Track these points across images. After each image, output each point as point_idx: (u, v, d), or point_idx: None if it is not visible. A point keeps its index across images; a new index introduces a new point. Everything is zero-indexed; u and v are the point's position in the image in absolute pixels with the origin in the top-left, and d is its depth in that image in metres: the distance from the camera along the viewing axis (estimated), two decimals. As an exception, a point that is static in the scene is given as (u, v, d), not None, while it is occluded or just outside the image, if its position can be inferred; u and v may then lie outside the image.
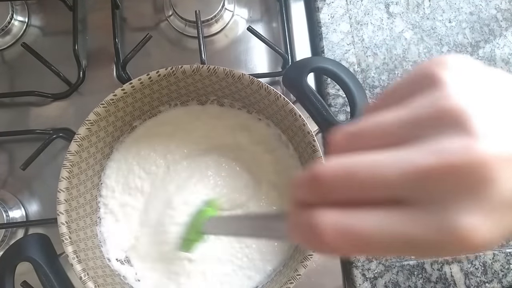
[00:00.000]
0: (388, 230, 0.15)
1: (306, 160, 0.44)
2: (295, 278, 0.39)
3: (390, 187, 0.15)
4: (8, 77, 0.55)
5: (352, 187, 0.16)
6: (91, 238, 0.43)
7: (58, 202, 0.39)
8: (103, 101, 0.41)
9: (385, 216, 0.15)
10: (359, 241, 0.15)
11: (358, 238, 0.15)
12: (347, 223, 0.16)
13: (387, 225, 0.15)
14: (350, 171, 0.16)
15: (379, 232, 0.15)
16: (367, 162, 0.16)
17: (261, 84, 0.42)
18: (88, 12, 0.57)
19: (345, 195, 0.16)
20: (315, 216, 0.16)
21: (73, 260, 0.38)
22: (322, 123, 0.44)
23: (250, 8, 0.59)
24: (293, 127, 0.44)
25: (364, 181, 0.16)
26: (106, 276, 0.41)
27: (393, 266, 0.49)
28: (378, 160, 0.16)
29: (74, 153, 0.40)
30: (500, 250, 0.50)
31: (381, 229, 0.15)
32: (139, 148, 0.48)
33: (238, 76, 0.42)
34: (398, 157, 0.15)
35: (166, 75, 0.42)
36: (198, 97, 0.48)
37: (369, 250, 0.16)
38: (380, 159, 0.16)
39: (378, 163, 0.16)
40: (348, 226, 0.16)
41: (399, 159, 0.15)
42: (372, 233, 0.15)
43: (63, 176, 0.40)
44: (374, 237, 0.15)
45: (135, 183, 0.47)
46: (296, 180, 0.18)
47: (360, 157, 0.16)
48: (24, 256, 0.38)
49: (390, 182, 0.15)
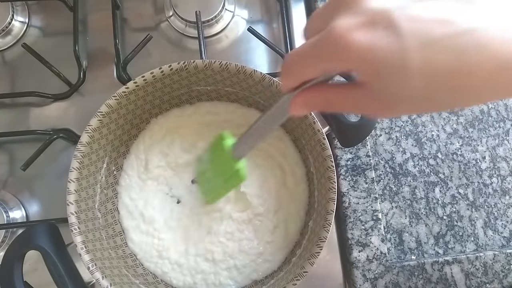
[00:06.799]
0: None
1: (315, 158, 0.44)
2: (301, 275, 0.39)
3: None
4: (9, 78, 0.55)
5: (303, 66, 0.23)
6: (99, 229, 0.43)
7: (68, 192, 0.39)
8: (115, 94, 0.42)
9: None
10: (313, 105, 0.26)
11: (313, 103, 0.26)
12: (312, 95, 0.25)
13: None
14: (300, 56, 0.23)
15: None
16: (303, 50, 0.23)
17: (273, 81, 0.43)
18: (88, 12, 0.57)
19: (304, 74, 0.24)
20: (298, 95, 0.26)
21: (81, 250, 0.38)
22: (333, 122, 0.44)
23: (251, 8, 0.59)
24: (303, 125, 0.44)
25: (308, 58, 0.23)
26: (113, 267, 0.42)
27: (393, 266, 0.49)
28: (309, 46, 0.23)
29: (85, 144, 0.41)
30: (501, 251, 0.50)
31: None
32: (150, 142, 0.48)
33: (250, 72, 0.43)
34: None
35: (178, 70, 0.43)
36: (208, 93, 0.49)
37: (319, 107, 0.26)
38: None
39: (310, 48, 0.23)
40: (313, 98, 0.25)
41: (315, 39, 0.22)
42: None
43: (73, 167, 0.40)
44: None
45: (147, 175, 0.48)
46: (280, 71, 0.26)
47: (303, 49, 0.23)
48: (32, 244, 0.38)
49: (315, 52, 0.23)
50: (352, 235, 0.50)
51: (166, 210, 0.47)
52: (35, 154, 0.48)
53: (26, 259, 0.39)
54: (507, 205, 0.54)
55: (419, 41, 0.19)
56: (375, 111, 0.24)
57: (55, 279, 0.38)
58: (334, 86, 0.25)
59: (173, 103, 0.49)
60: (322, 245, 0.39)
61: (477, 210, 0.53)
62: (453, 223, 0.52)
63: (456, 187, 0.54)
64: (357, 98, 0.24)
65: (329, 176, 0.41)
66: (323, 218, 0.40)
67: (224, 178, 0.39)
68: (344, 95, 0.24)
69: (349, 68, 0.22)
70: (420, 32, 0.19)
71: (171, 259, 0.45)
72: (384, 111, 0.23)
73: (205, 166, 0.42)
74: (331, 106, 0.25)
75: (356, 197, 0.51)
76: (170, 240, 0.46)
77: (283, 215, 0.47)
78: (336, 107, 0.25)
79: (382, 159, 0.53)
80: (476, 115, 0.56)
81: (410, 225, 0.52)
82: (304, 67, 0.23)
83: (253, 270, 0.45)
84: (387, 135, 0.54)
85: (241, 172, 0.36)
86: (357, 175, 0.51)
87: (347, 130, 0.44)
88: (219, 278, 0.45)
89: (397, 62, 0.20)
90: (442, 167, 0.54)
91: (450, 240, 0.52)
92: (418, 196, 0.53)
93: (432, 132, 0.55)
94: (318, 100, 0.25)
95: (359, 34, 0.20)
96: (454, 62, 0.20)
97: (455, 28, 0.19)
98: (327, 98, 0.25)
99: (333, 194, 0.40)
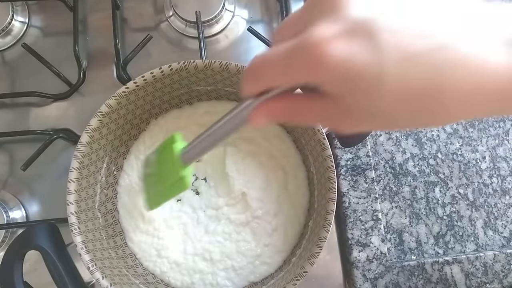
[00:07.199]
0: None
1: (315, 158, 0.44)
2: (301, 275, 0.39)
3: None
4: (9, 78, 0.55)
5: (270, 72, 0.22)
6: (99, 229, 0.43)
7: (68, 192, 0.39)
8: (115, 94, 0.42)
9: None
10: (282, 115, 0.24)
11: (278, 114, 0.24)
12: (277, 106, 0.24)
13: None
14: (268, 61, 0.22)
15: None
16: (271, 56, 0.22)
17: None
18: (88, 12, 0.57)
19: (270, 81, 0.22)
20: (260, 106, 0.24)
21: (81, 250, 0.38)
22: None
23: (251, 8, 0.59)
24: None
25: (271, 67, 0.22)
26: (113, 267, 0.42)
27: (393, 266, 0.49)
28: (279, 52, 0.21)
29: (85, 144, 0.41)
30: (501, 251, 0.50)
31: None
32: (151, 143, 0.48)
33: None
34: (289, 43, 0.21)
35: (178, 70, 0.43)
36: (208, 93, 0.49)
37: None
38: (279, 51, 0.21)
39: (279, 54, 0.21)
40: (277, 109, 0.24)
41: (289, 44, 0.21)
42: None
43: (73, 167, 0.40)
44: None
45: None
46: (244, 74, 0.24)
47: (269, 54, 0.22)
48: (32, 244, 0.38)
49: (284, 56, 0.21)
50: (352, 235, 0.50)
51: (166, 209, 0.47)
52: (35, 154, 0.48)
53: (26, 259, 0.39)
54: (507, 205, 0.54)
55: (397, 55, 0.18)
56: (343, 126, 0.23)
57: (55, 279, 0.38)
58: (300, 97, 0.23)
59: (173, 103, 0.49)
60: (322, 245, 0.39)
61: (477, 210, 0.53)
62: (453, 223, 0.52)
63: (456, 187, 0.54)
64: (325, 112, 0.22)
65: (329, 176, 0.41)
66: (323, 218, 0.40)
67: (168, 183, 0.37)
68: (311, 108, 0.23)
69: (321, 81, 0.20)
70: (399, 45, 0.18)
71: (170, 258, 0.45)
72: (353, 126, 0.22)
73: (151, 169, 0.41)
74: (296, 118, 0.24)
75: (356, 197, 0.51)
76: (169, 239, 0.46)
77: (282, 218, 0.46)
78: (301, 120, 0.24)
79: (382, 159, 0.53)
80: (476, 115, 0.56)
81: (410, 225, 0.52)
82: (272, 73, 0.22)
83: (250, 272, 0.45)
84: (387, 135, 0.54)
85: (185, 180, 0.35)
86: (357, 175, 0.52)
87: (347, 130, 0.44)
88: (216, 278, 0.45)
89: (372, 78, 0.19)
90: (442, 167, 0.54)
91: (450, 240, 0.52)
92: (418, 196, 0.53)
93: (432, 132, 0.55)
94: (283, 111, 0.24)
95: (336, 46, 0.19)
96: (429, 80, 0.19)
97: (436, 42, 0.18)
98: (292, 109, 0.23)
99: (333, 194, 0.40)
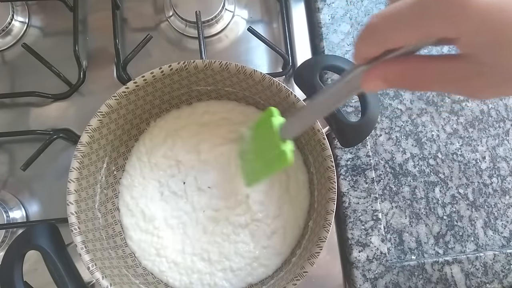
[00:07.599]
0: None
1: (315, 158, 0.44)
2: (301, 275, 0.39)
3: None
4: (9, 78, 0.55)
5: (395, 29, 0.19)
6: (99, 229, 0.43)
7: (68, 192, 0.39)
8: (115, 94, 0.42)
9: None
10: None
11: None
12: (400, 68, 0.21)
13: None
14: (392, 17, 0.19)
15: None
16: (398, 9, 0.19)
17: (273, 81, 0.42)
18: (88, 12, 0.57)
19: (394, 39, 0.20)
20: (376, 68, 0.21)
21: (81, 250, 0.38)
22: (333, 122, 0.44)
23: (251, 8, 0.59)
24: None
25: (401, 21, 0.19)
26: (113, 267, 0.42)
27: (393, 266, 0.49)
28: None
29: (85, 144, 0.41)
30: (501, 251, 0.50)
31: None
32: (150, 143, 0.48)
33: (249, 72, 0.43)
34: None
35: (178, 70, 0.43)
36: (208, 93, 0.49)
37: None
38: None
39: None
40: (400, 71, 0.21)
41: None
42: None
43: (73, 167, 0.40)
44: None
45: (149, 175, 0.48)
46: (357, 36, 0.21)
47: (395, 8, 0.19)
48: (32, 244, 0.38)
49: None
50: (352, 235, 0.50)
51: (167, 208, 0.47)
52: (35, 154, 0.48)
53: (26, 259, 0.39)
54: (507, 205, 0.54)
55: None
56: (478, 89, 0.20)
57: (55, 279, 0.38)
58: (430, 58, 0.20)
59: (173, 103, 0.49)
60: (322, 245, 0.39)
61: (477, 210, 0.53)
62: (453, 223, 0.52)
63: (456, 187, 0.54)
64: (457, 73, 0.19)
65: (329, 176, 0.41)
66: (323, 218, 0.40)
67: (267, 159, 0.35)
68: (445, 71, 0.20)
69: (459, 34, 0.17)
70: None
71: (168, 257, 0.45)
72: (489, 90, 0.20)
73: (247, 146, 0.40)
74: (419, 84, 0.21)
75: (356, 197, 0.51)
76: (168, 238, 0.46)
77: (282, 221, 0.46)
78: (425, 85, 0.21)
79: (382, 159, 0.53)
80: (476, 115, 0.56)
81: (410, 225, 0.52)
82: (399, 30, 0.19)
83: (248, 274, 0.45)
84: (387, 135, 0.54)
85: (286, 155, 0.32)
86: (357, 175, 0.52)
87: (347, 130, 0.44)
88: (214, 279, 0.45)
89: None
90: (442, 167, 0.54)
91: (450, 240, 0.52)
92: (418, 196, 0.53)
93: (432, 132, 0.55)
94: (403, 76, 0.21)
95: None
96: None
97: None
98: (417, 73, 0.20)
99: (333, 194, 0.40)
